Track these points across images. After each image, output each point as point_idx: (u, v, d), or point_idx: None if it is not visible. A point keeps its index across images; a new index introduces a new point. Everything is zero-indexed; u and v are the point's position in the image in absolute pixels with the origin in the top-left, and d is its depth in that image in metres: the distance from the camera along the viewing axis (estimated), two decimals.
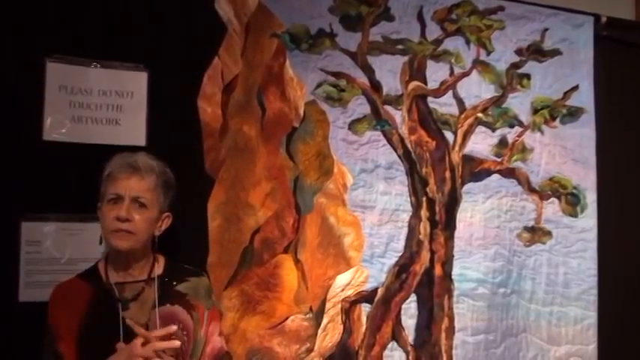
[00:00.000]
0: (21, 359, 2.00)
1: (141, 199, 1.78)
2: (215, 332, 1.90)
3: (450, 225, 2.69)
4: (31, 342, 1.85)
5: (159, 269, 1.87)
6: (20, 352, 2.00)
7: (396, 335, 2.59)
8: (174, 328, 1.70)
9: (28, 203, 2.10)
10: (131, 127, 2.25)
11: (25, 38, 2.14)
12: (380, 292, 2.57)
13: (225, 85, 2.39)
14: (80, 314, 1.75)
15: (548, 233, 2.86)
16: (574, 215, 2.92)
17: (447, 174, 2.69)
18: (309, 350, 2.45)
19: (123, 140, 2.19)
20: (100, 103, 2.23)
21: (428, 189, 2.66)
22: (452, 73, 2.74)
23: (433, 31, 2.72)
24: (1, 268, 2.07)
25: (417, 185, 2.65)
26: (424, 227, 2.64)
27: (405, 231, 2.62)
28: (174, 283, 1.86)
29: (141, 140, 2.25)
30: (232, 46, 2.41)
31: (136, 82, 2.26)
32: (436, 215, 2.66)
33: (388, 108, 2.63)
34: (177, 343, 1.68)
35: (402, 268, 2.60)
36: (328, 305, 2.49)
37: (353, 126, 2.57)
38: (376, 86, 2.61)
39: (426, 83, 2.70)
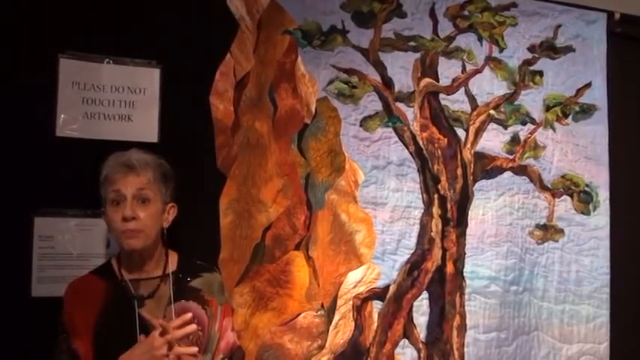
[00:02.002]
0: (33, 354, 2.01)
1: (143, 194, 1.77)
2: (228, 327, 1.90)
3: (461, 222, 2.68)
4: (43, 337, 1.86)
5: (173, 265, 1.86)
6: (32, 347, 2.01)
7: (408, 333, 2.58)
8: (189, 315, 1.69)
9: (40, 198, 2.12)
10: (143, 123, 2.26)
11: (38, 34, 2.15)
12: (391, 289, 2.56)
13: (237, 82, 2.39)
14: (95, 311, 1.74)
15: (561, 231, 2.85)
16: (586, 213, 2.91)
17: (459, 171, 2.68)
18: (321, 347, 2.45)
19: (135, 136, 2.20)
20: (113, 100, 2.23)
21: (439, 186, 2.65)
22: (464, 69, 2.73)
23: (445, 28, 2.71)
24: (13, 263, 2.09)
25: (429, 182, 2.64)
26: (436, 224, 2.64)
27: (416, 228, 2.62)
28: (189, 279, 1.86)
29: (153, 137, 2.25)
30: (244, 43, 2.41)
31: (149, 79, 2.27)
32: (448, 212, 2.66)
33: (400, 105, 2.62)
34: (193, 327, 1.69)
35: (414, 265, 2.60)
36: (339, 302, 2.48)
37: (364, 123, 2.57)
38: (388, 83, 2.61)
39: (437, 80, 2.69)
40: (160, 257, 1.85)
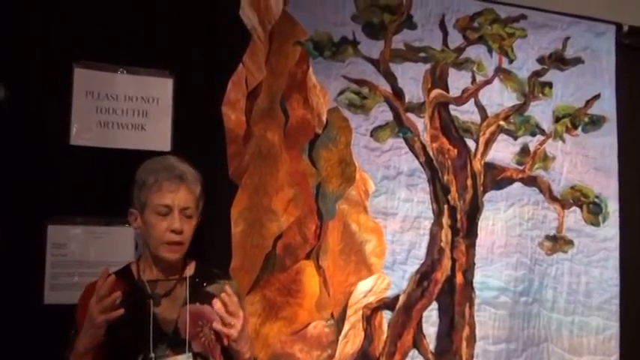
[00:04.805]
0: None
1: (188, 211, 1.80)
2: None
3: (471, 233, 2.69)
4: (56, 344, 1.86)
5: (190, 270, 1.89)
6: (45, 354, 2.02)
7: (417, 343, 2.58)
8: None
9: (54, 206, 2.13)
10: (156, 132, 2.28)
11: (53, 44, 2.17)
12: (401, 299, 2.57)
13: (249, 92, 2.41)
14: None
15: (570, 242, 2.85)
16: (596, 224, 2.91)
17: (469, 182, 2.69)
18: (330, 357, 2.45)
19: (148, 145, 2.22)
20: (126, 109, 2.25)
21: (449, 196, 2.66)
22: (474, 81, 2.75)
23: (455, 39, 2.73)
24: (26, 270, 2.10)
25: (439, 193, 2.65)
26: (445, 235, 2.64)
27: (426, 238, 2.63)
28: (205, 284, 1.87)
29: (166, 146, 2.27)
30: (256, 53, 2.43)
31: (162, 88, 2.29)
32: (458, 223, 2.66)
33: (410, 115, 2.64)
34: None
35: (424, 275, 2.60)
36: (349, 312, 2.49)
37: (375, 133, 2.58)
38: (398, 94, 2.62)
39: (448, 91, 2.71)
40: (179, 263, 1.87)
